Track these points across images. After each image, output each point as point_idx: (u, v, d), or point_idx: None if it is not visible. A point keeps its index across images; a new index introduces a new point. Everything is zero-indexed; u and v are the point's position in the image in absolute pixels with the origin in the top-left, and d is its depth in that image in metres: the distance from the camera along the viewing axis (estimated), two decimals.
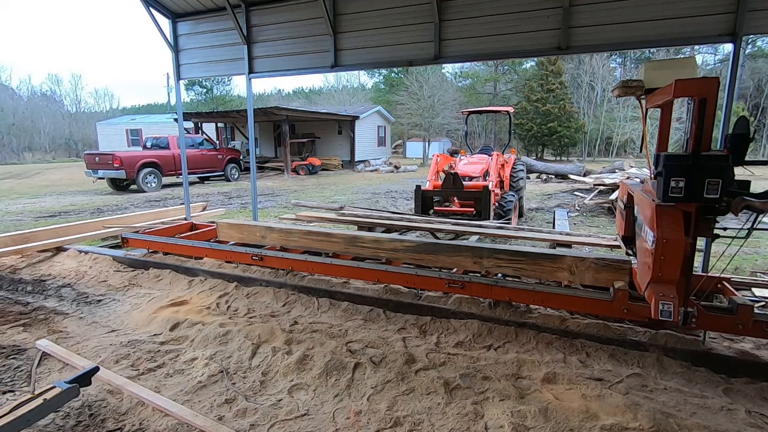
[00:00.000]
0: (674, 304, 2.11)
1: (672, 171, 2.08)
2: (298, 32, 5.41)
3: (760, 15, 3.57)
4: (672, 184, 2.08)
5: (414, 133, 35.86)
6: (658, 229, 2.13)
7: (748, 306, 2.51)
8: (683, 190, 2.06)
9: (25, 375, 2.66)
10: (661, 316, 2.14)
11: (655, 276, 2.16)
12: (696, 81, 2.19)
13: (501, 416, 2.16)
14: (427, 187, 7.03)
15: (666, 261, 2.12)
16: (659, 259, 2.13)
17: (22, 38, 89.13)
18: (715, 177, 2.03)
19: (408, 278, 3.55)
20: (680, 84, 2.19)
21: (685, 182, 2.06)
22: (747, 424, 2.12)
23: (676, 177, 2.06)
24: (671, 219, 2.12)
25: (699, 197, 2.06)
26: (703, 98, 2.18)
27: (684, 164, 2.06)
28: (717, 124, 9.67)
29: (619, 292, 2.79)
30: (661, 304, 2.15)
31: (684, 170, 2.06)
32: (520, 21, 4.30)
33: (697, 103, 2.20)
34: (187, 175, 6.71)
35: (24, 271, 4.69)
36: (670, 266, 2.12)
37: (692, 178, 2.04)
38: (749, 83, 32.04)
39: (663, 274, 2.15)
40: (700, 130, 2.21)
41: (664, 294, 2.15)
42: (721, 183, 2.03)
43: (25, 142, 38.60)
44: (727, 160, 2.06)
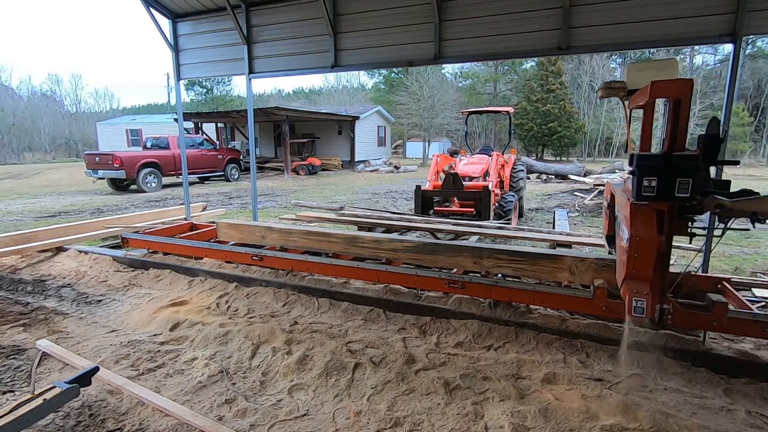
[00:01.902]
0: (647, 300, 2.15)
1: (644, 170, 2.12)
2: (298, 32, 5.40)
3: (760, 15, 3.56)
4: (644, 183, 2.11)
5: (414, 134, 35.87)
6: (632, 228, 2.18)
7: (722, 303, 2.56)
8: (655, 189, 2.09)
9: (25, 375, 2.66)
10: (634, 312, 2.18)
11: (629, 273, 2.21)
12: (670, 82, 2.24)
13: (501, 416, 2.16)
14: (427, 188, 7.03)
15: (639, 258, 2.16)
16: (632, 256, 2.17)
17: (22, 38, 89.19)
18: (685, 176, 2.07)
19: (408, 278, 3.55)
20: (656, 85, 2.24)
21: (657, 181, 2.10)
22: (747, 424, 2.12)
23: (648, 176, 2.10)
24: (644, 217, 2.16)
25: (671, 196, 2.10)
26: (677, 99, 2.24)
27: (656, 164, 2.10)
28: None
29: (598, 290, 2.83)
30: (634, 300, 2.19)
31: (656, 170, 2.10)
32: (520, 21, 4.30)
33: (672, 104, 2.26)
34: (187, 176, 6.71)
35: (24, 271, 4.69)
36: (643, 264, 2.16)
37: (664, 177, 2.08)
38: (749, 83, 32.04)
39: (636, 271, 2.19)
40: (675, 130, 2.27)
41: (637, 291, 2.19)
42: (692, 182, 2.06)
43: (25, 142, 38.61)
44: (697, 159, 2.10)
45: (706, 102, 28.16)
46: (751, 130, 29.48)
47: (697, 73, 31.64)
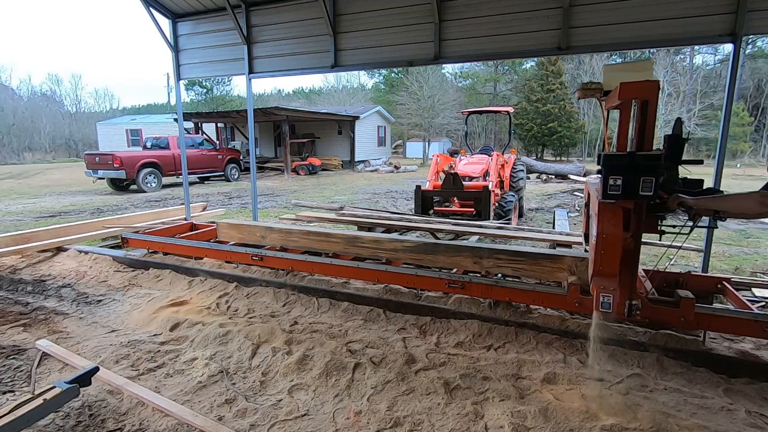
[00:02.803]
0: (614, 296, 2.20)
1: (610, 169, 2.18)
2: (298, 32, 5.40)
3: (760, 15, 3.57)
4: (610, 182, 2.17)
5: (414, 133, 35.85)
6: (599, 225, 2.23)
7: (689, 299, 2.61)
8: (621, 188, 2.16)
9: (25, 375, 2.66)
10: (601, 307, 2.22)
11: (596, 269, 2.25)
12: (638, 84, 2.29)
13: (501, 416, 2.16)
14: (427, 187, 7.03)
15: (606, 255, 2.21)
16: (600, 253, 2.22)
17: (22, 38, 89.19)
18: (649, 175, 2.12)
19: (408, 278, 3.55)
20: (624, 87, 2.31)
21: (622, 180, 2.15)
22: (747, 424, 2.12)
23: (613, 175, 2.16)
24: (611, 215, 2.21)
25: (635, 194, 2.15)
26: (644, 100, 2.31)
27: (620, 163, 2.16)
28: (716, 124, 9.75)
29: (571, 286, 2.87)
30: (602, 296, 2.23)
31: (621, 169, 2.16)
32: (520, 21, 4.30)
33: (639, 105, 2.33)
34: (187, 175, 6.71)
35: (24, 271, 4.69)
36: (609, 260, 2.21)
37: (628, 176, 2.14)
38: (749, 83, 32.03)
39: (603, 267, 2.23)
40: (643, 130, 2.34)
41: (605, 287, 2.24)
42: (655, 181, 2.11)
43: (25, 142, 38.59)
44: (659, 159, 2.15)
45: (706, 102, 28.14)
46: (751, 130, 29.48)
47: (697, 73, 31.64)
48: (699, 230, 2.40)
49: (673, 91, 28.09)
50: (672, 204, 2.28)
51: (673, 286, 3.34)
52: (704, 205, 2.26)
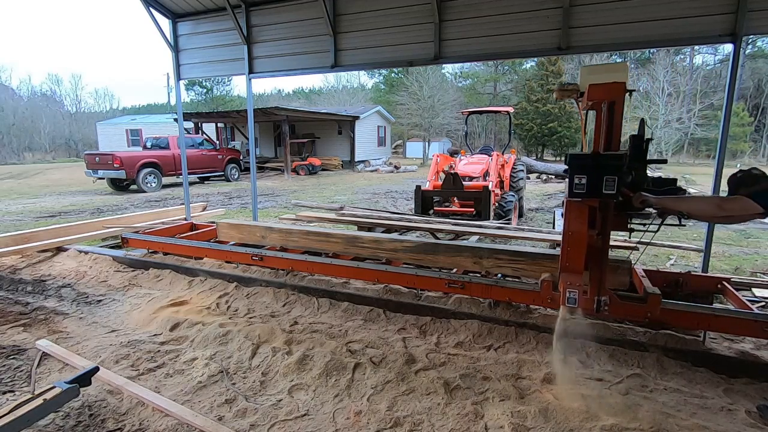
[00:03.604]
0: (579, 291, 2.25)
1: (575, 169, 2.25)
2: (298, 32, 5.40)
3: (760, 15, 3.57)
4: (575, 180, 2.24)
5: (414, 134, 35.85)
6: (565, 223, 2.30)
7: (656, 295, 2.66)
8: (585, 186, 2.22)
9: (25, 375, 2.66)
10: (567, 302, 2.27)
11: (563, 265, 2.31)
12: (605, 85, 2.37)
13: (501, 416, 2.16)
14: (427, 187, 7.03)
15: (571, 251, 2.27)
16: (566, 249, 2.28)
17: (22, 38, 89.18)
18: (611, 174, 2.18)
19: (408, 278, 3.55)
20: (592, 88, 2.40)
21: (587, 179, 2.22)
22: (747, 424, 2.12)
23: (578, 174, 2.23)
24: (577, 213, 2.27)
25: (599, 193, 2.21)
26: (611, 101, 2.38)
27: (585, 162, 2.24)
28: (716, 124, 9.76)
29: (544, 282, 2.90)
30: (567, 291, 2.28)
31: (585, 168, 2.22)
32: (520, 21, 4.30)
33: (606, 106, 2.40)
34: (187, 175, 6.71)
35: (24, 271, 4.69)
36: (575, 256, 2.27)
37: (592, 175, 2.20)
38: (749, 83, 32.03)
39: (569, 263, 2.29)
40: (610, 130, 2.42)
41: (571, 282, 2.28)
42: (617, 180, 2.18)
43: (25, 142, 38.58)
44: (621, 158, 2.22)
45: (706, 102, 28.15)
46: (751, 130, 29.48)
47: (697, 73, 31.64)
48: (699, 231, 2.43)
49: (673, 91, 28.09)
50: (635, 202, 2.36)
51: (674, 286, 3.34)
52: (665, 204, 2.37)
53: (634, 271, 3.48)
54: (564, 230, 2.30)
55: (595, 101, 2.51)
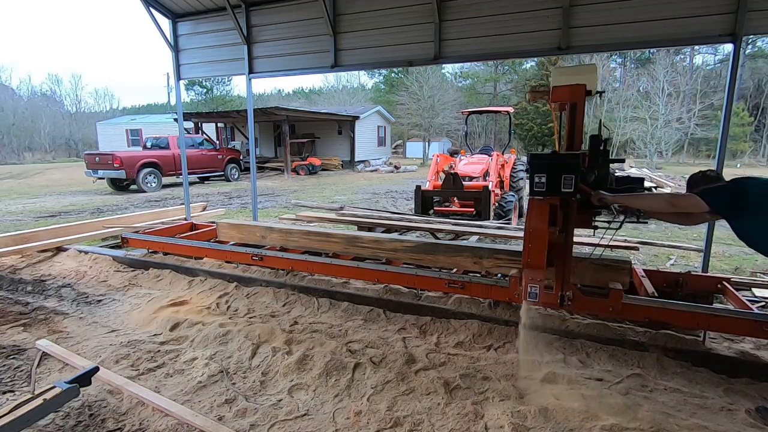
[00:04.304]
0: (539, 287, 2.31)
1: (535, 168, 2.32)
2: (298, 32, 5.40)
3: (760, 15, 3.56)
4: (536, 179, 2.31)
5: (414, 133, 35.84)
6: (527, 220, 2.36)
7: (618, 291, 2.75)
8: (545, 185, 2.29)
9: (25, 375, 2.66)
10: (528, 297, 2.33)
11: (525, 262, 2.36)
12: (567, 87, 2.46)
13: (501, 416, 2.16)
14: (427, 187, 7.03)
15: (533, 248, 2.32)
16: (527, 246, 2.33)
17: (22, 38, 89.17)
18: (569, 173, 2.25)
19: (408, 278, 3.55)
20: (556, 90, 2.50)
21: (546, 178, 2.29)
22: (747, 424, 2.12)
23: (538, 173, 2.30)
24: (538, 211, 2.33)
25: (558, 191, 2.28)
26: (573, 103, 2.46)
27: (544, 162, 2.31)
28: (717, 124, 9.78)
29: (512, 279, 2.94)
30: (529, 287, 2.34)
31: (544, 167, 2.30)
32: (520, 21, 4.30)
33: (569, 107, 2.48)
34: (187, 175, 6.71)
35: (24, 271, 4.68)
36: (536, 253, 2.32)
37: (551, 174, 2.28)
38: (749, 83, 32.02)
39: (531, 259, 2.34)
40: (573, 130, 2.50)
41: (533, 278, 2.34)
42: (575, 178, 2.24)
43: (25, 142, 38.58)
44: (578, 158, 2.29)
45: (706, 102, 28.14)
46: (751, 130, 29.48)
47: (697, 73, 31.64)
48: (699, 231, 2.45)
49: (673, 91, 28.08)
50: (593, 200, 2.47)
51: (674, 286, 3.34)
52: (620, 201, 2.47)
53: (635, 271, 3.48)
54: (525, 228, 2.36)
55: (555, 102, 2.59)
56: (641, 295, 3.11)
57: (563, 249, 2.55)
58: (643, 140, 27.50)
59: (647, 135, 27.27)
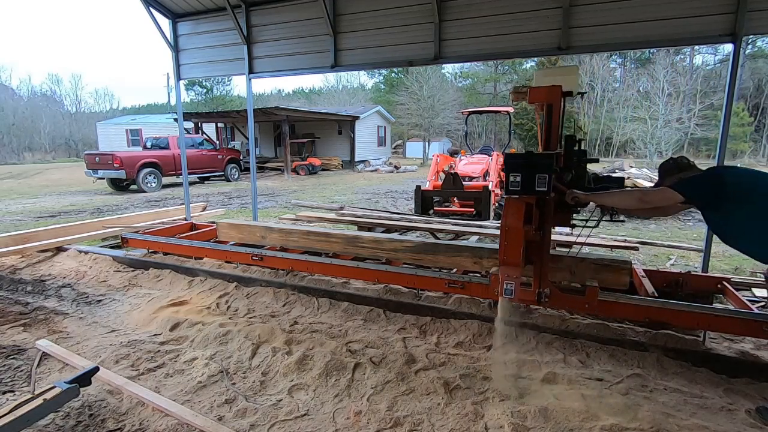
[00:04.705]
0: (515, 283, 2.35)
1: (510, 168, 2.38)
2: (298, 32, 5.40)
3: (760, 15, 3.57)
4: (511, 179, 2.37)
5: (414, 133, 35.84)
6: (503, 219, 2.39)
7: (594, 288, 2.81)
8: (520, 184, 2.35)
9: (25, 375, 2.66)
10: (504, 294, 2.37)
11: (501, 259, 2.39)
12: (543, 89, 2.52)
13: (501, 416, 2.16)
14: (427, 187, 7.04)
15: (509, 246, 2.35)
16: (504, 244, 2.36)
17: (22, 38, 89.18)
18: (543, 172, 2.30)
19: (408, 278, 3.55)
20: (533, 91, 2.56)
21: (521, 177, 2.34)
22: (747, 424, 2.12)
23: (513, 173, 2.35)
24: (513, 209, 2.37)
25: (532, 190, 2.33)
26: (549, 104, 2.52)
27: (518, 162, 2.36)
28: (716, 124, 9.80)
29: (493, 276, 3.00)
30: (505, 283, 2.38)
31: (519, 167, 2.35)
32: (520, 21, 4.30)
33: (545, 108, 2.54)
34: (187, 175, 6.71)
35: (24, 271, 4.68)
36: (512, 250, 2.35)
37: (525, 173, 2.33)
38: (749, 83, 32.01)
39: (507, 257, 2.37)
40: (549, 131, 2.56)
41: (509, 275, 2.38)
42: (548, 177, 2.29)
43: (25, 142, 38.57)
44: (551, 158, 2.34)
45: (706, 102, 28.13)
46: (751, 130, 29.47)
47: (697, 73, 31.64)
48: (699, 231, 2.46)
49: (673, 91, 28.08)
50: (567, 199, 2.53)
51: (674, 286, 3.34)
52: (592, 199, 2.52)
53: (635, 271, 3.48)
54: (501, 226, 2.39)
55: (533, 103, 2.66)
56: (641, 295, 3.11)
57: (540, 247, 2.62)
58: (643, 140, 27.49)
59: (647, 135, 27.26)
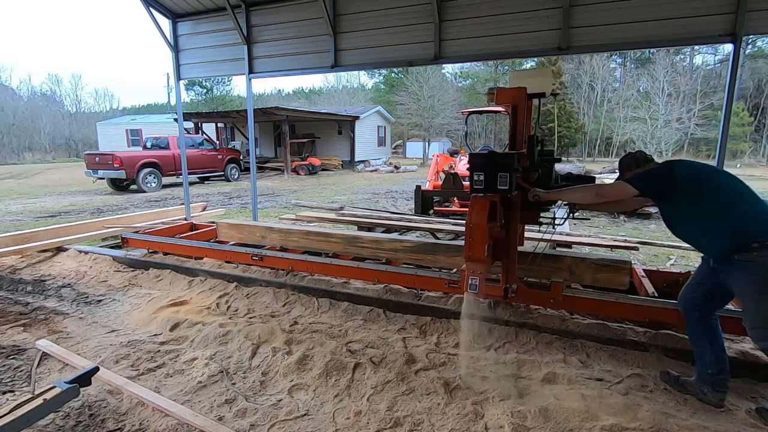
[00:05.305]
0: (479, 278, 2.40)
1: (474, 167, 2.46)
2: (298, 32, 5.40)
3: (760, 15, 3.57)
4: (475, 178, 2.44)
5: (414, 134, 35.86)
6: (468, 216, 2.45)
7: (559, 283, 2.94)
8: (483, 183, 2.43)
9: (25, 375, 2.66)
10: (469, 289, 2.42)
11: (466, 255, 2.45)
12: (509, 90, 2.61)
13: (501, 416, 2.16)
14: (427, 187, 7.04)
15: (473, 242, 2.40)
16: (469, 240, 2.42)
17: (22, 38, 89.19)
18: (504, 171, 2.39)
19: (408, 278, 3.55)
20: (500, 93, 2.64)
21: (484, 176, 2.42)
22: (747, 424, 2.12)
23: (477, 172, 2.44)
24: (478, 207, 2.43)
25: (494, 189, 2.42)
26: (515, 105, 2.60)
27: (481, 161, 2.44)
28: (716, 124, 9.80)
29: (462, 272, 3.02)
30: (470, 279, 2.42)
31: (482, 166, 2.44)
32: (520, 21, 4.30)
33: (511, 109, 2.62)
34: (187, 175, 6.71)
35: (24, 271, 4.68)
36: (476, 247, 2.40)
37: (488, 172, 2.42)
38: (749, 83, 32.02)
39: (472, 253, 2.42)
40: (515, 131, 2.64)
41: (473, 270, 2.42)
42: (509, 176, 2.38)
43: (25, 142, 38.57)
44: (512, 157, 2.42)
45: (706, 102, 28.15)
46: (751, 130, 29.48)
47: (697, 73, 31.65)
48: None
49: (673, 91, 28.09)
50: (529, 197, 2.63)
51: (674, 285, 3.35)
52: (552, 197, 2.61)
53: (635, 271, 3.49)
54: (466, 223, 2.43)
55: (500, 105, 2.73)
56: (641, 295, 3.11)
57: (507, 244, 2.70)
58: (643, 140, 27.51)
59: (647, 135, 27.27)
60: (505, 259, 2.77)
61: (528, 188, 2.65)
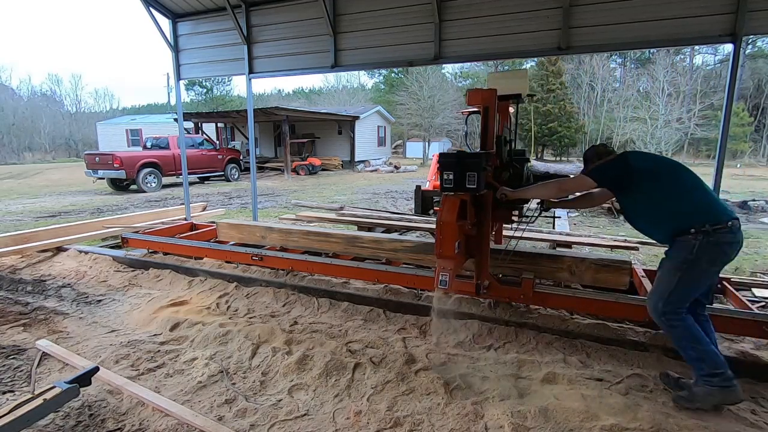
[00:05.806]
0: (449, 275, 2.44)
1: (443, 167, 2.51)
2: (298, 32, 5.40)
3: (760, 15, 3.57)
4: (444, 177, 2.50)
5: (414, 133, 35.85)
6: (438, 214, 2.49)
7: (529, 279, 3.03)
8: (452, 182, 2.49)
9: (25, 375, 2.66)
10: (440, 285, 2.46)
11: (437, 252, 2.49)
12: (479, 91, 2.66)
13: (501, 416, 2.16)
14: (427, 187, 7.04)
15: (443, 240, 2.45)
16: (439, 238, 2.46)
17: (22, 38, 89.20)
18: (473, 171, 2.44)
19: (408, 278, 3.55)
20: (471, 94, 2.69)
21: (453, 175, 2.48)
22: (747, 424, 2.12)
23: (446, 171, 2.49)
24: (448, 205, 2.48)
25: (463, 188, 2.47)
26: (486, 106, 2.65)
27: (451, 161, 2.49)
28: (716, 124, 9.82)
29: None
30: (440, 275, 2.45)
31: (451, 166, 2.49)
32: (520, 21, 4.30)
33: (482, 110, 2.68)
34: (187, 175, 6.71)
35: (24, 271, 4.68)
36: (447, 244, 2.45)
37: (456, 172, 2.48)
38: (749, 83, 32.03)
39: (442, 250, 2.47)
40: (485, 132, 2.70)
41: (443, 267, 2.46)
42: (477, 176, 2.44)
43: (25, 142, 38.57)
44: (479, 157, 2.48)
45: (706, 102, 28.14)
46: (751, 130, 29.48)
47: (697, 73, 31.65)
48: None
49: (673, 91, 28.09)
50: (498, 195, 2.71)
51: None
52: (518, 195, 2.68)
53: (635, 271, 3.49)
54: (437, 221, 2.47)
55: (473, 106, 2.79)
56: (641, 295, 3.11)
57: (479, 241, 2.76)
58: (643, 140, 27.50)
59: (647, 135, 27.27)
60: (477, 256, 2.83)
61: (498, 187, 2.73)
